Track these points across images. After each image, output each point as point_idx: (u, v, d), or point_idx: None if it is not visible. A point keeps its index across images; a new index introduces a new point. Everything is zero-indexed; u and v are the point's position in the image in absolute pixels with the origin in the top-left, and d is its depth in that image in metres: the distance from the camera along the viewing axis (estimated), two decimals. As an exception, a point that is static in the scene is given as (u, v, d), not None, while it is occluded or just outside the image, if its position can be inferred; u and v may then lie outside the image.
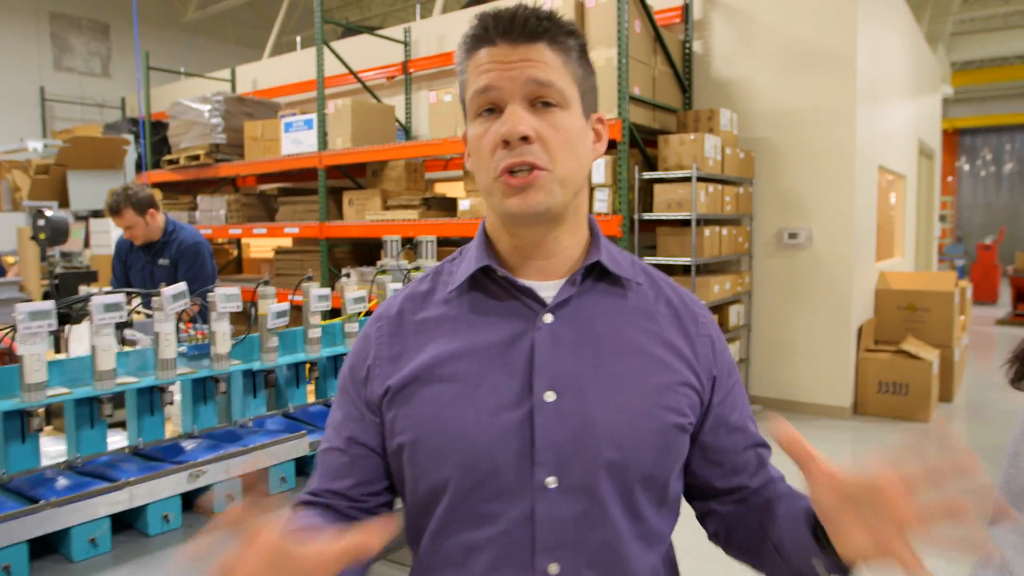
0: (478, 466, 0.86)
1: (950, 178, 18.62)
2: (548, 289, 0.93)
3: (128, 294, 1.89)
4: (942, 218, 13.51)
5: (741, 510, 1.01)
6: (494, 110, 0.88)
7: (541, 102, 0.87)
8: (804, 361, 5.56)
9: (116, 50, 11.68)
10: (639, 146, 4.97)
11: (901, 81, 7.08)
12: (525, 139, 0.85)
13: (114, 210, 3.64)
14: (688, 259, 4.82)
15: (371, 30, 7.36)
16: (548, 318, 0.91)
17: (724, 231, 5.22)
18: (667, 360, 0.93)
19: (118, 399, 1.63)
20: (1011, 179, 18.83)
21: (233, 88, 9.12)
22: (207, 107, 7.19)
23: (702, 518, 1.06)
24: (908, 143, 7.68)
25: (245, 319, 1.92)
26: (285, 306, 1.88)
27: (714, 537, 1.05)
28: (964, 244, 17.12)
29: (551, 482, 0.86)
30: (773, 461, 1.06)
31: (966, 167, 19.36)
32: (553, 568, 0.86)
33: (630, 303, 0.96)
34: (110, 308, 1.49)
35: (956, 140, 18.90)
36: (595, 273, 0.95)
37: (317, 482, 0.99)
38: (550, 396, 0.87)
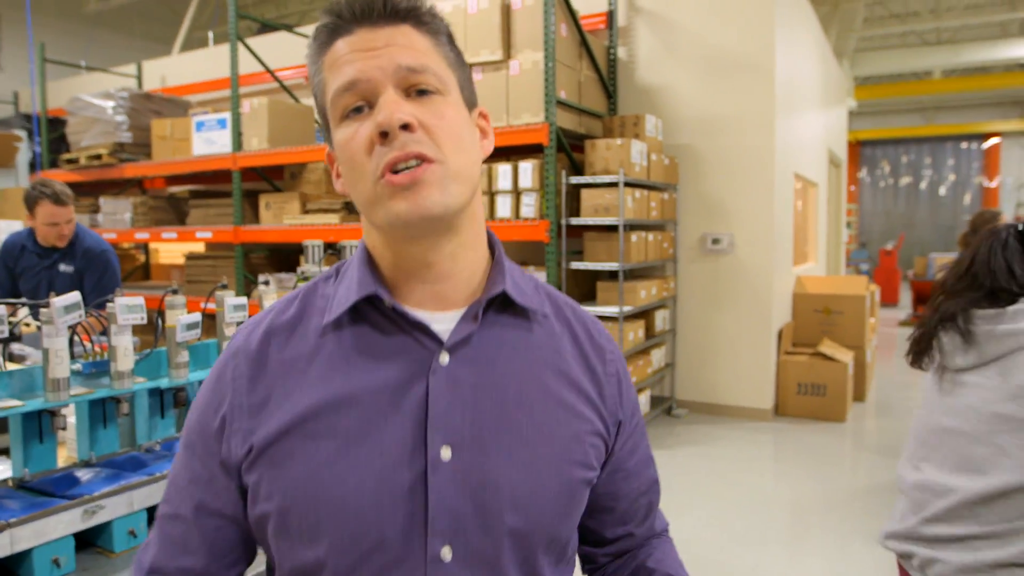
0: (361, 540, 0.73)
1: (852, 187, 19.58)
2: (445, 322, 0.79)
3: (12, 304, 1.68)
4: (848, 225, 14.16)
5: (622, 568, 0.95)
6: (362, 108, 0.74)
7: (416, 90, 0.74)
8: (727, 364, 5.66)
9: (7, 40, 10.88)
10: (566, 151, 4.94)
11: (814, 92, 7.35)
12: (406, 128, 0.71)
13: (62, 200, 3.32)
14: (616, 264, 4.81)
15: (288, 27, 7.09)
16: (445, 359, 0.77)
17: (650, 236, 5.25)
18: (576, 407, 0.83)
19: (0, 424, 1.43)
20: (907, 189, 19.97)
21: (139, 84, 8.64)
22: (111, 103, 6.75)
23: (585, 562, 0.98)
24: (820, 152, 7.98)
25: (152, 331, 1.74)
26: (196, 316, 1.71)
27: None
28: (867, 249, 18.02)
29: (446, 554, 0.74)
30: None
31: (867, 177, 20.41)
32: None
33: (536, 338, 0.83)
34: (-12, 322, 1.29)
35: (858, 151, 19.89)
36: (497, 303, 0.81)
37: (160, 555, 0.82)
38: (446, 453, 0.75)
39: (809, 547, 3.47)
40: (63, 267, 3.50)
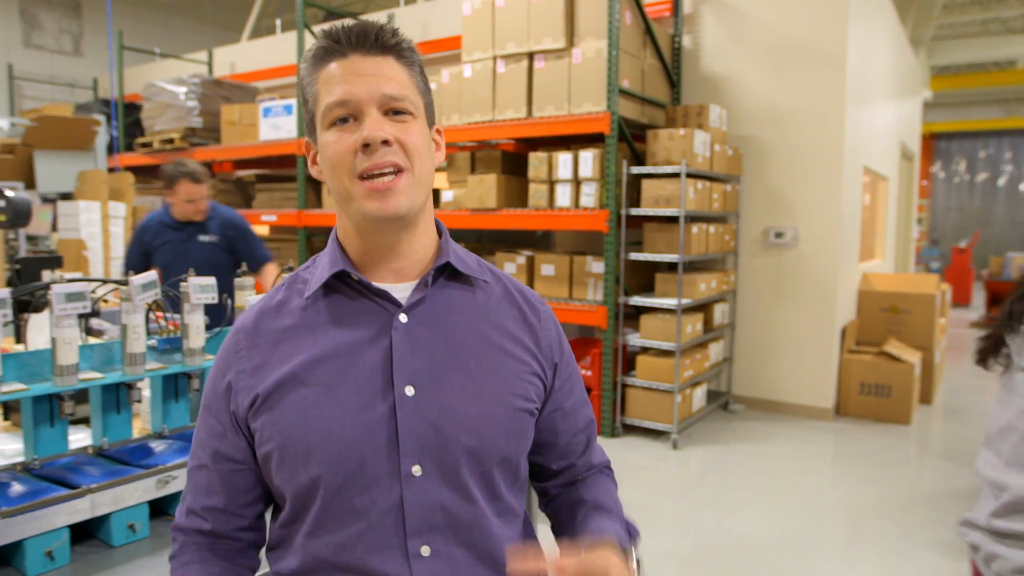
0: (345, 461, 0.90)
1: (924, 182, 18.82)
2: (402, 290, 0.98)
3: (102, 281, 1.75)
4: (919, 221, 13.63)
5: (565, 499, 1.11)
6: (347, 119, 0.92)
7: (393, 111, 0.92)
8: (787, 361, 5.53)
9: (88, 28, 11.33)
10: (627, 140, 4.89)
11: (887, 82, 7.08)
12: (385, 143, 0.90)
13: (200, 177, 3.55)
14: (675, 256, 4.75)
15: (354, 15, 7.19)
16: (403, 318, 0.95)
17: (711, 228, 5.16)
18: (515, 352, 1.00)
19: (81, 395, 1.50)
20: (984, 184, 19.08)
21: (210, 71, 8.89)
22: (183, 89, 6.98)
23: (540, 496, 1.16)
24: (891, 145, 7.69)
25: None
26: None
27: (546, 512, 1.16)
28: (939, 247, 17.33)
29: (416, 470, 0.91)
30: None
31: (941, 171, 19.58)
32: (425, 550, 0.92)
33: (478, 300, 1.02)
34: (72, 297, 1.36)
35: (932, 144, 19.10)
36: (446, 273, 1.00)
37: (191, 499, 1.02)
38: (410, 390, 0.92)
39: (866, 553, 3.38)
40: (202, 238, 3.69)
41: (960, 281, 12.87)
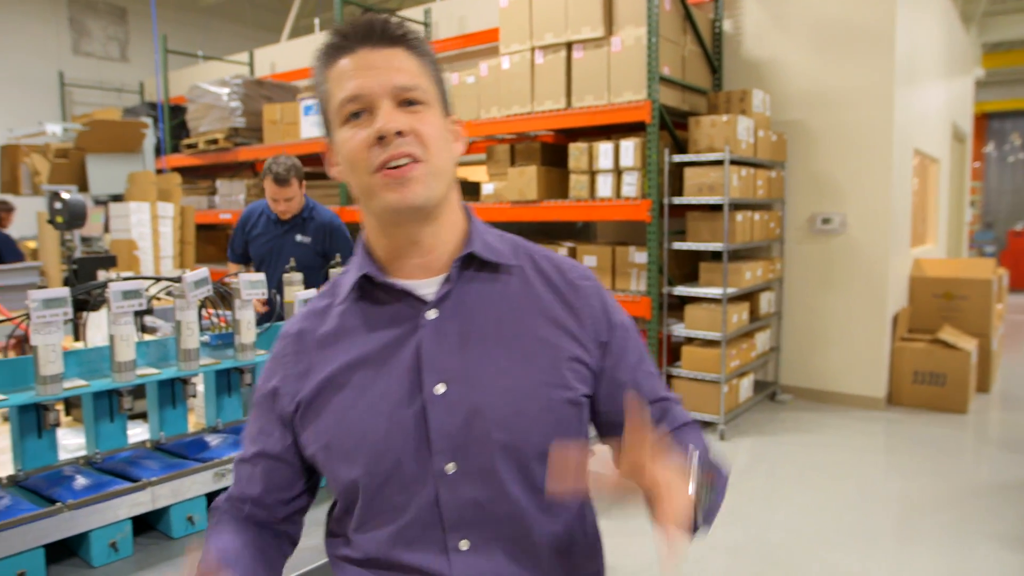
0: (382, 462, 0.92)
1: (977, 163, 18.19)
2: (430, 286, 0.96)
3: (155, 279, 1.79)
4: (971, 204, 13.19)
5: None
6: (360, 114, 0.90)
7: (406, 101, 0.90)
8: (837, 350, 5.41)
9: (134, 34, 11.60)
10: (669, 128, 4.82)
11: (937, 61, 6.85)
12: (399, 134, 0.88)
13: (283, 180, 3.52)
14: (720, 245, 4.67)
15: (391, 12, 7.23)
16: (432, 314, 0.94)
17: (756, 216, 5.07)
18: (551, 339, 0.96)
19: (138, 390, 1.54)
20: (1041, 164, 18.35)
21: (251, 71, 9.03)
22: (226, 90, 7.10)
23: None
24: (943, 126, 7.45)
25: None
26: (312, 293, 1.78)
27: None
28: (993, 231, 16.75)
29: (450, 468, 0.91)
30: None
31: (994, 152, 18.90)
32: (464, 544, 0.92)
33: (512, 287, 0.99)
34: (129, 295, 1.39)
35: (985, 124, 18.44)
36: (474, 264, 0.98)
37: (233, 488, 1.07)
38: (440, 388, 0.92)
39: (923, 547, 3.29)
40: (299, 238, 3.70)
41: (1017, 265, 12.44)
